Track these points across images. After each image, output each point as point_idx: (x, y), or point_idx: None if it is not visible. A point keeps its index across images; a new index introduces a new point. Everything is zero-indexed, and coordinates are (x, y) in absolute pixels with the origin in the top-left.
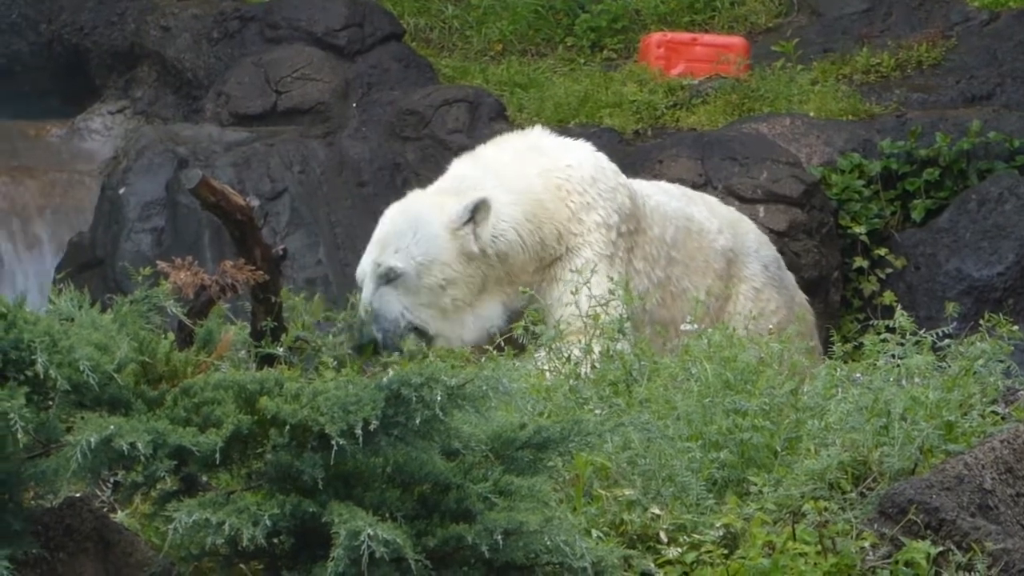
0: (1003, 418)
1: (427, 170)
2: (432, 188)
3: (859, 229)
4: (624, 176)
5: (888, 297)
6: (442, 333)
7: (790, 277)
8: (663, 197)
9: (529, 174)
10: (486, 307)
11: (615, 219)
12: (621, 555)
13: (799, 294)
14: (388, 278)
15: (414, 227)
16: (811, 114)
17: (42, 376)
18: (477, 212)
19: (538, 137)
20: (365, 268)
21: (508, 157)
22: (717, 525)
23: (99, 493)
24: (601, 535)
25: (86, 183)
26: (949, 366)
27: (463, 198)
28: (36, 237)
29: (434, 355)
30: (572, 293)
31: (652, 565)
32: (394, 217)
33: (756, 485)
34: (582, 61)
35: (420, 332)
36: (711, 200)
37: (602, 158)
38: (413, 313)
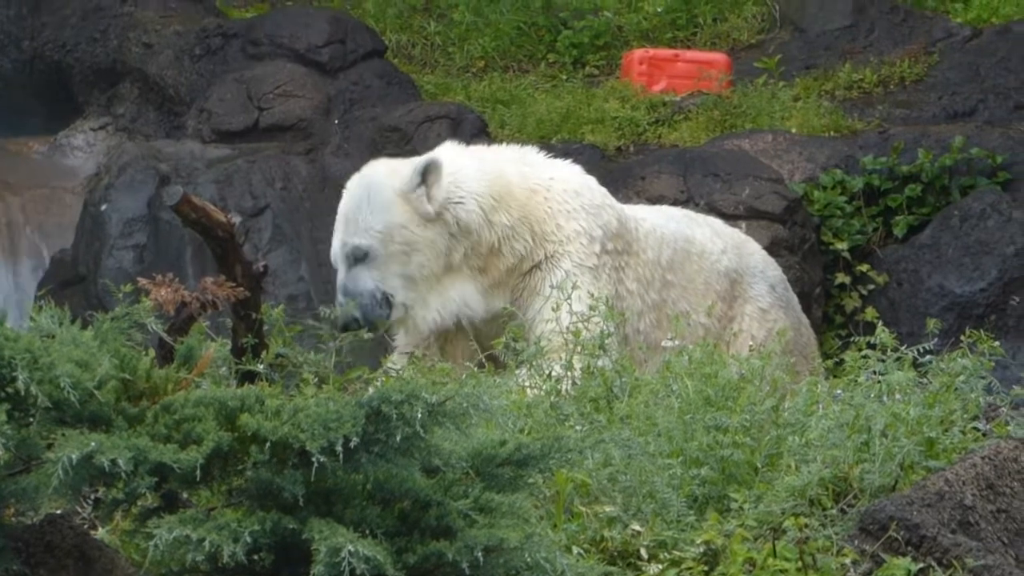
0: (984, 434)
1: None
2: (402, 160)
3: (841, 245)
4: (614, 200)
5: (870, 313)
6: (413, 303)
7: (796, 299)
8: (660, 220)
9: (508, 171)
10: (457, 285)
11: (599, 233)
12: (602, 572)
13: (804, 316)
14: (356, 257)
15: (368, 197)
16: (793, 130)
17: (23, 393)
18: (428, 173)
19: (528, 151)
20: (336, 250)
21: (492, 156)
22: (698, 542)
23: (80, 510)
24: (581, 552)
25: (68, 200)
26: (930, 382)
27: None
28: (18, 254)
29: (415, 372)
30: (553, 310)
31: None
32: (352, 189)
33: (736, 501)
34: (564, 77)
35: (393, 303)
36: (716, 223)
37: (591, 179)
38: (386, 284)
